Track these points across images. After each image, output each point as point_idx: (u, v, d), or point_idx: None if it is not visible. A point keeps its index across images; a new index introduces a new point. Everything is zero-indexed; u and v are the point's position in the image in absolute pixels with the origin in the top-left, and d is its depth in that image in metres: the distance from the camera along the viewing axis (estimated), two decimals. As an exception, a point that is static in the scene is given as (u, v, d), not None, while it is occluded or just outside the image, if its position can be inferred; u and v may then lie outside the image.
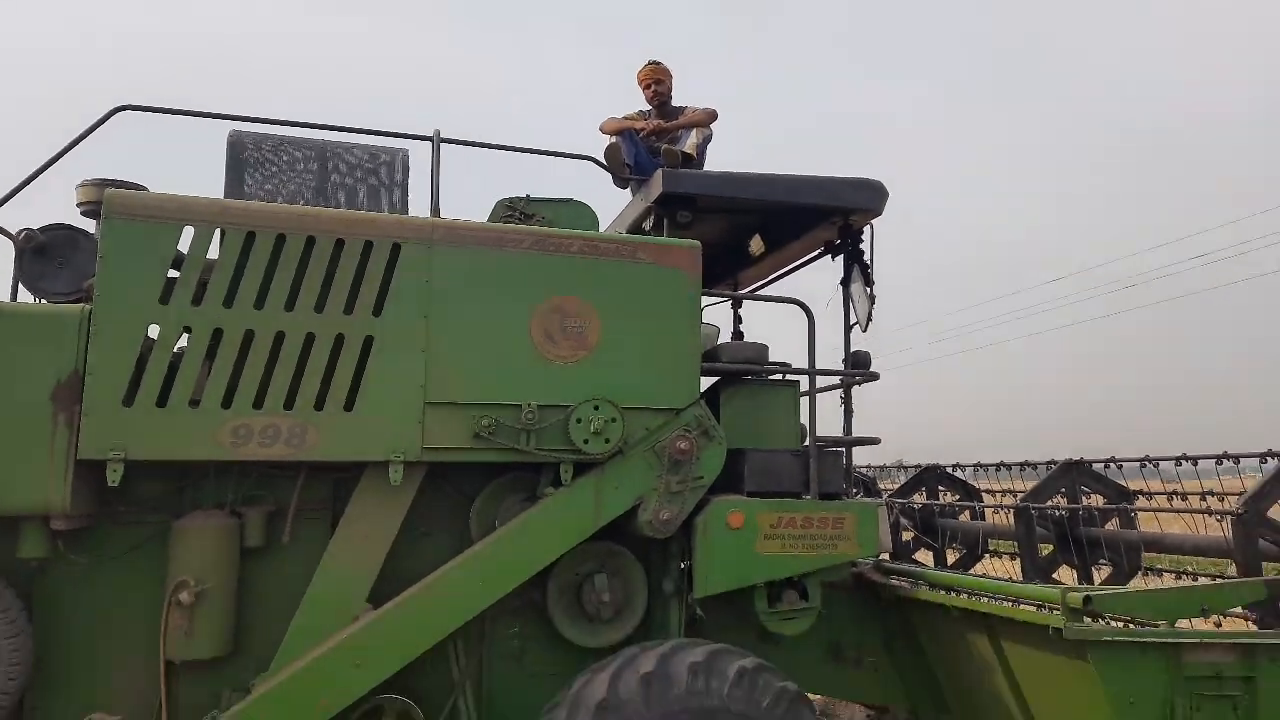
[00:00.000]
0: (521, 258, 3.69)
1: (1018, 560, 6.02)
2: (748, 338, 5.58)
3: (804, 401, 4.38)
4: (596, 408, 3.67)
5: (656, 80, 5.23)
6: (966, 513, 6.40)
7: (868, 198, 4.44)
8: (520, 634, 3.97)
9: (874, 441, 4.43)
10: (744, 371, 4.19)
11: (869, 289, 4.41)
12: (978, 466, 6.42)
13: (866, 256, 4.62)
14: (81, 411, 3.06)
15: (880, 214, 4.55)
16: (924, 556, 6.49)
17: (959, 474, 6.60)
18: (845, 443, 4.36)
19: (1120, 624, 3.45)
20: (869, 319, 4.39)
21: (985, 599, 3.85)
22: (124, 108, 3.63)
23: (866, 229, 4.59)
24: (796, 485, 4.08)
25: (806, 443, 4.24)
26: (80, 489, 3.10)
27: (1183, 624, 3.53)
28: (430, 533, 3.87)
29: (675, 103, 5.35)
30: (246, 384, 3.25)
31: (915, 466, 7.02)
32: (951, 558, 6.30)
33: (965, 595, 3.99)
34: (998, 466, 6.15)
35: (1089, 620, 3.36)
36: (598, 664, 3.49)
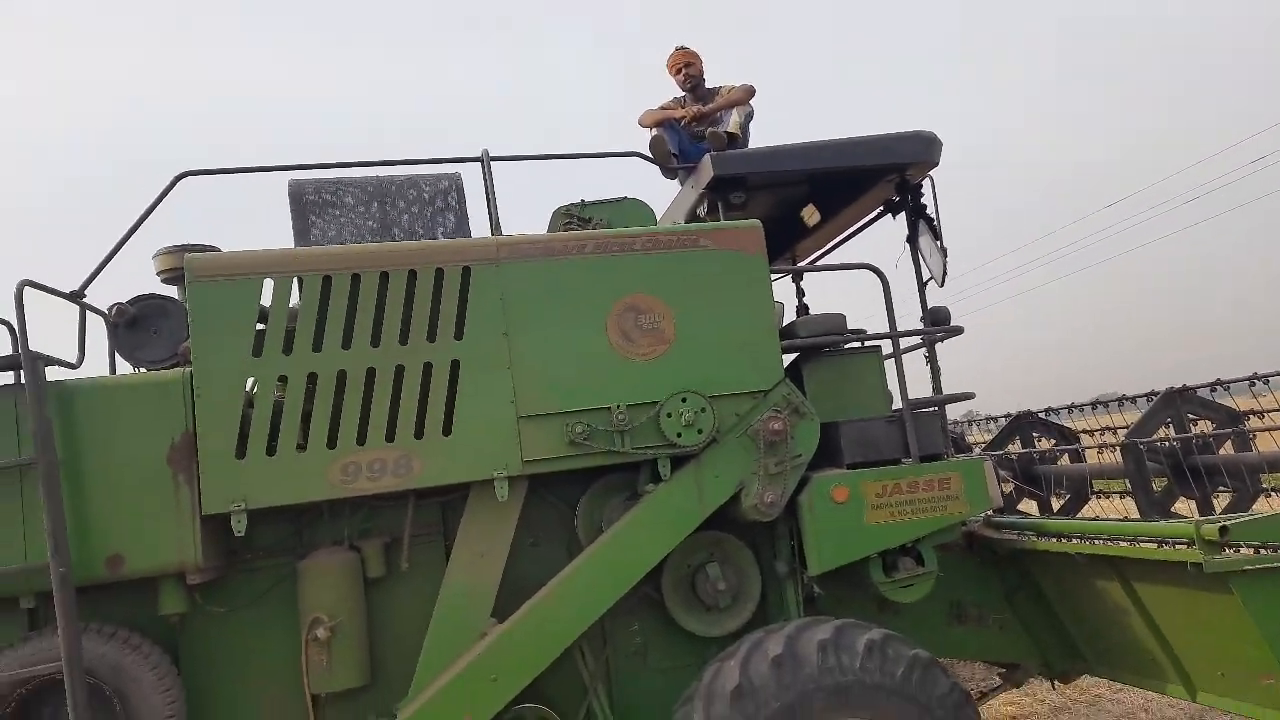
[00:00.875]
0: (587, 262, 3.71)
1: (1128, 499, 5.83)
2: (812, 309, 5.52)
3: (887, 365, 4.32)
4: (684, 400, 3.67)
5: (686, 64, 5.17)
6: (1065, 456, 6.22)
7: (921, 149, 4.34)
8: (640, 631, 3.99)
9: (969, 397, 4.33)
10: (824, 344, 4.14)
11: (939, 242, 4.31)
12: (1072, 407, 6.21)
13: (930, 210, 4.52)
14: (199, 470, 3.19)
15: (936, 164, 4.44)
16: (1026, 506, 6.33)
17: (1052, 418, 6.41)
18: (939, 401, 4.27)
19: (1251, 550, 3.30)
20: (945, 273, 4.29)
21: (1109, 542, 3.72)
22: (186, 174, 3.76)
23: (926, 181, 4.48)
24: (896, 451, 4.01)
25: (897, 407, 4.18)
26: (208, 543, 3.23)
27: None
28: (538, 543, 3.93)
29: (708, 84, 5.30)
30: (347, 423, 3.34)
31: (1004, 417, 6.84)
32: (1056, 504, 6.13)
33: (1080, 540, 3.86)
34: (1094, 404, 5.95)
35: (1228, 551, 3.23)
36: (724, 653, 3.50)
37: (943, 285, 4.33)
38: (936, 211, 4.38)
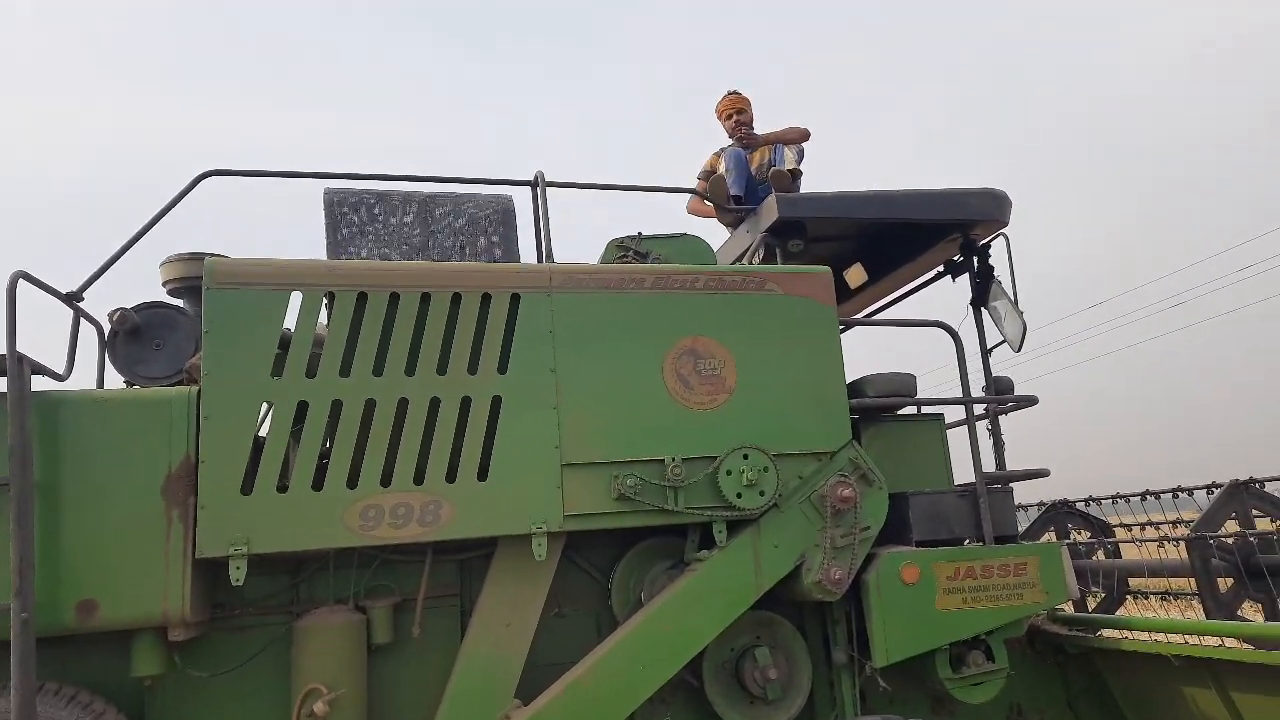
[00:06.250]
0: (645, 299, 3.37)
1: (1168, 601, 5.46)
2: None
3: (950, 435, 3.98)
4: (746, 456, 3.29)
5: (738, 110, 4.94)
6: (1101, 551, 5.86)
7: (991, 207, 4.11)
8: None
9: (1043, 474, 3.98)
10: (893, 406, 3.79)
11: (1016, 305, 4.02)
12: (1117, 498, 5.88)
13: (999, 272, 4.25)
14: (197, 504, 2.73)
15: (1006, 224, 4.21)
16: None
17: (1091, 508, 6.06)
18: (1012, 477, 3.91)
19: None
20: (1022, 338, 3.98)
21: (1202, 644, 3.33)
22: (210, 173, 3.39)
23: (999, 242, 4.22)
24: (967, 529, 3.65)
25: (958, 482, 3.83)
26: (196, 592, 2.75)
27: None
28: (564, 613, 3.47)
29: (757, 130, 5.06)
30: (371, 460, 2.91)
31: (1037, 505, 6.48)
32: (1091, 603, 5.74)
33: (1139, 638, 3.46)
34: (1143, 495, 5.61)
35: None
36: (781, 754, 3.04)
37: (1019, 350, 4.02)
38: (1012, 273, 4.10)
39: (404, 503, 2.90)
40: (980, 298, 4.24)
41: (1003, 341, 4.11)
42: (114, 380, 3.31)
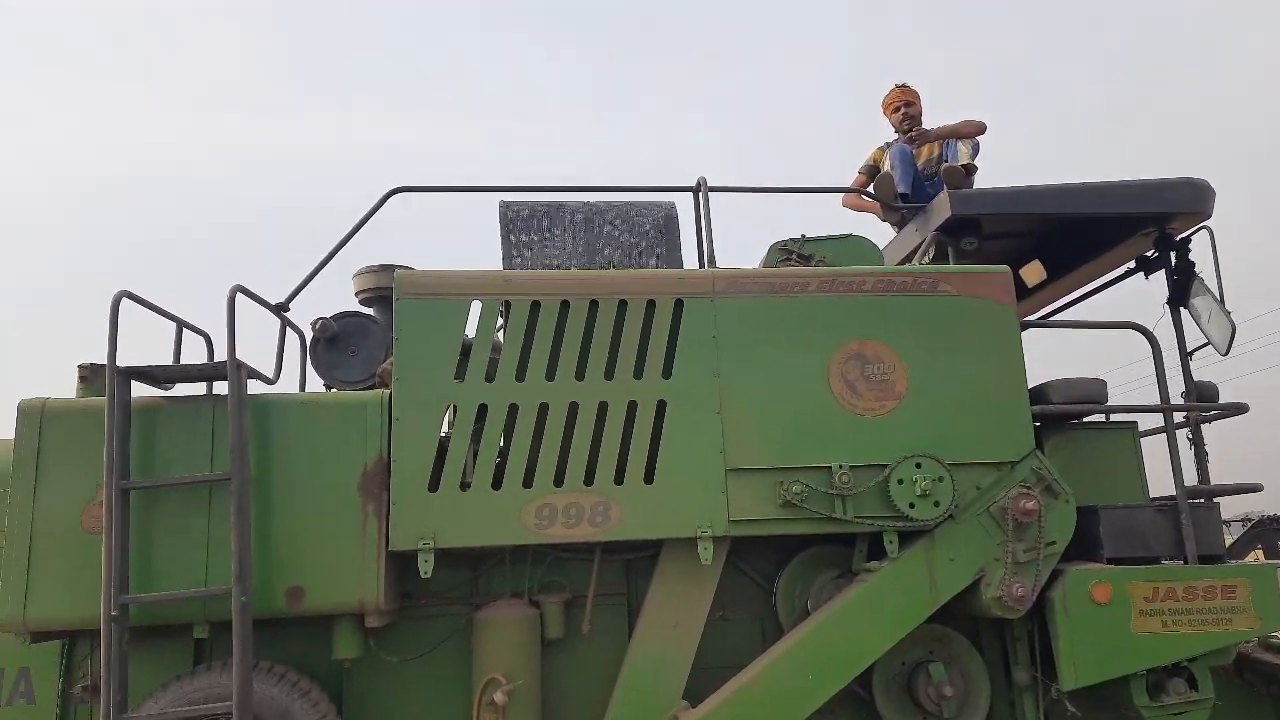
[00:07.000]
0: (809, 302, 3.32)
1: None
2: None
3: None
4: (919, 465, 3.17)
5: (906, 103, 4.78)
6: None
7: (1191, 198, 3.77)
8: None
9: (1256, 489, 3.62)
10: (1080, 413, 3.55)
11: (1223, 304, 3.66)
12: (1341, 515, 5.27)
13: (1202, 268, 3.89)
14: (390, 500, 2.93)
15: (1209, 216, 3.84)
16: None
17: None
18: (1218, 491, 3.57)
19: None
20: (1230, 341, 3.62)
21: None
22: (398, 190, 3.62)
23: (1201, 236, 3.86)
24: (1166, 548, 3.38)
25: (1153, 496, 3.54)
26: (390, 582, 2.95)
27: None
28: (728, 617, 3.47)
29: (926, 125, 4.87)
30: (545, 461, 3.03)
31: (1241, 521, 5.92)
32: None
33: None
34: (1374, 513, 5.01)
35: None
36: (958, 776, 2.91)
37: (1225, 354, 3.66)
38: (1217, 270, 3.74)
39: (575, 503, 3.00)
40: (1179, 297, 3.89)
41: (1206, 344, 3.76)
42: (313, 383, 3.61)
